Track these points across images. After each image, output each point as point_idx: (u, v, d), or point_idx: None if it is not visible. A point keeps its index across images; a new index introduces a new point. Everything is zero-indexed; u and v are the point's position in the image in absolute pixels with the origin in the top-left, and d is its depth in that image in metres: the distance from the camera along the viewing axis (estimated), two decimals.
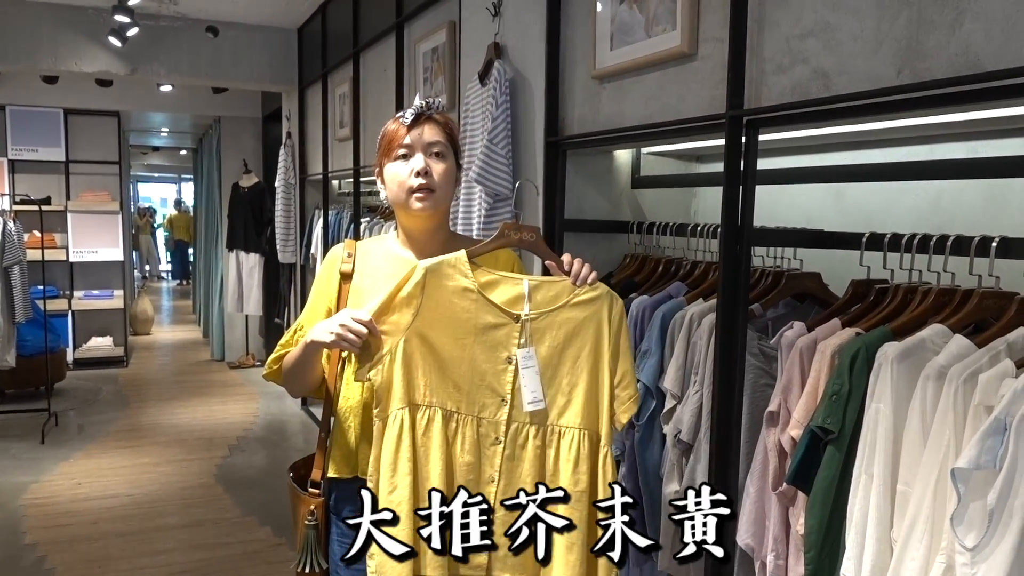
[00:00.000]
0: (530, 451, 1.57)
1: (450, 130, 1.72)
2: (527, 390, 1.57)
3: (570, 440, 1.57)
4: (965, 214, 1.89)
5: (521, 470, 1.57)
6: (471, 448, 1.57)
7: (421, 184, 1.64)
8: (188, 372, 7.68)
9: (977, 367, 1.31)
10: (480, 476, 1.57)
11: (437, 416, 1.56)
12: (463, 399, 1.57)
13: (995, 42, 1.26)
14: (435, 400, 1.57)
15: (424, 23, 3.64)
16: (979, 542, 1.20)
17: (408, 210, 1.68)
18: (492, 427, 1.57)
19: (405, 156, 1.67)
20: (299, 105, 6.15)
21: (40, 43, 5.39)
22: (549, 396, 1.58)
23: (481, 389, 1.58)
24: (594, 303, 1.60)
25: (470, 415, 1.57)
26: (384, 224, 4.43)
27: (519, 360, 1.57)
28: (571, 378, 1.59)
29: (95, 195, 7.76)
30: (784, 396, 1.65)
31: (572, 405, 1.58)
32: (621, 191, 2.65)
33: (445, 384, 1.57)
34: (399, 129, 1.68)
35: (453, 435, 1.57)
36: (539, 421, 1.58)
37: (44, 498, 4.34)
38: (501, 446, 1.57)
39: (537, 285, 1.60)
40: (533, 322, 1.58)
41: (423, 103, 1.69)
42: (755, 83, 1.73)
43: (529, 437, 1.58)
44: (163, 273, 17.57)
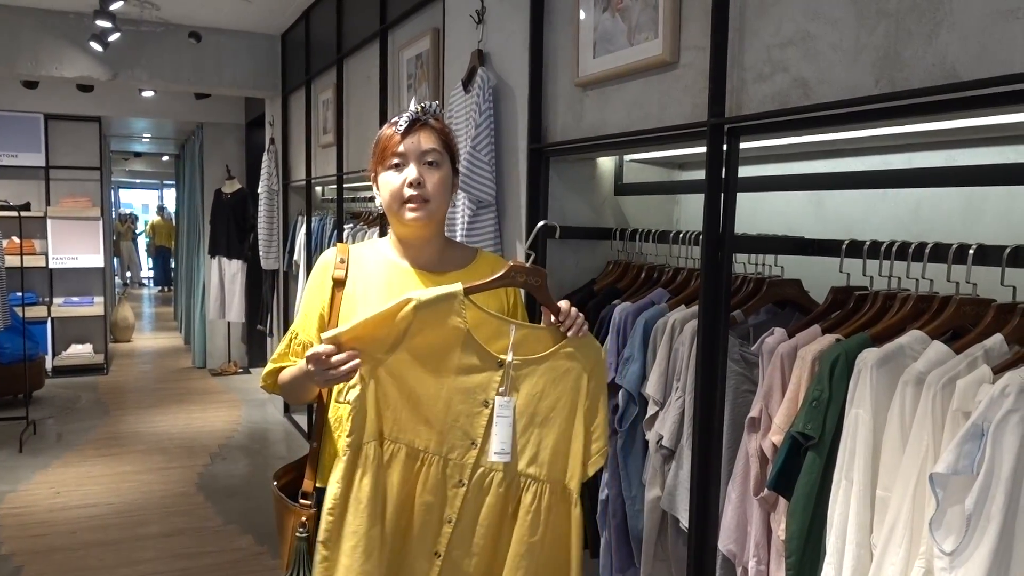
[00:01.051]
0: (492, 496, 1.57)
1: (446, 136, 1.70)
2: (496, 439, 1.55)
3: (533, 491, 1.58)
4: (943, 222, 1.92)
5: (480, 514, 1.57)
6: (433, 488, 1.55)
7: (413, 195, 1.62)
8: (169, 380, 7.62)
9: (955, 373, 1.33)
10: (439, 516, 1.56)
11: (401, 454, 1.55)
12: (433, 437, 1.56)
13: (971, 52, 1.28)
14: (401, 437, 1.56)
15: (408, 30, 3.65)
16: (957, 547, 1.21)
17: (401, 220, 1.66)
18: (458, 469, 1.56)
19: (398, 166, 1.64)
20: (282, 111, 6.13)
21: (20, 47, 5.34)
22: (520, 445, 1.58)
23: (453, 430, 1.56)
24: (578, 358, 1.60)
25: (438, 455, 1.56)
26: (367, 231, 4.42)
27: (496, 408, 1.56)
28: (543, 429, 1.59)
29: (75, 201, 7.69)
30: (765, 402, 1.66)
31: (540, 456, 1.58)
32: (604, 198, 2.66)
33: (416, 421, 1.56)
34: (393, 136, 1.65)
35: (416, 474, 1.56)
36: (505, 469, 1.57)
37: (21, 507, 4.28)
38: (464, 489, 1.56)
39: (526, 333, 1.59)
40: (516, 369, 1.57)
41: (418, 108, 1.67)
42: (736, 91, 1.75)
43: (493, 483, 1.57)
44: (144, 280, 17.44)
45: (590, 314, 2.32)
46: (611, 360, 2.12)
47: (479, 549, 1.57)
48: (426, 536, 1.56)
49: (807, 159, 2.24)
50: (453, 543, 1.56)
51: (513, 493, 1.58)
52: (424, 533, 1.56)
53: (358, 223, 4.70)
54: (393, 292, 1.67)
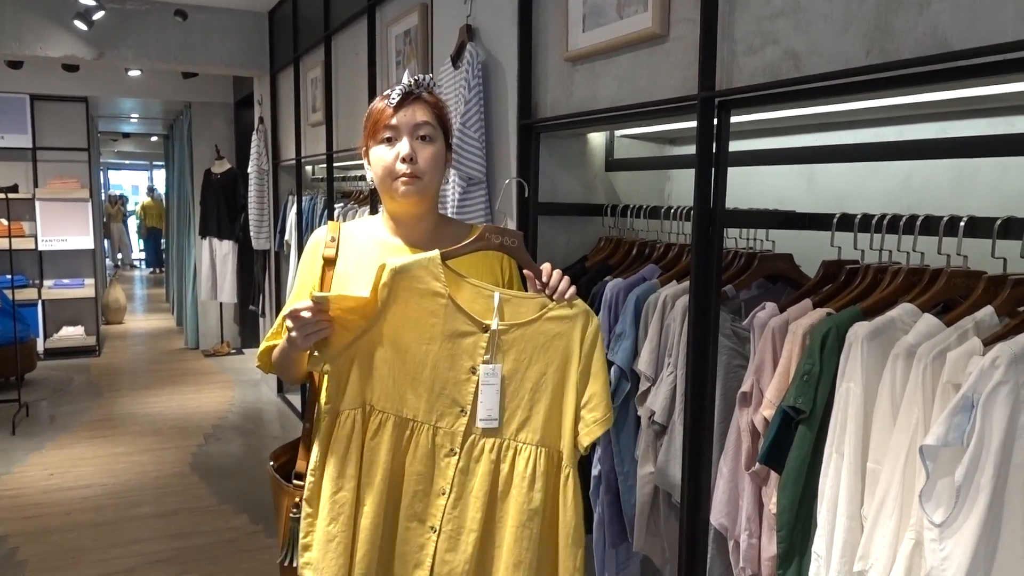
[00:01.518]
0: (484, 464, 1.53)
1: (440, 110, 1.66)
2: (483, 406, 1.52)
3: (526, 457, 1.53)
4: (934, 194, 1.91)
5: (473, 484, 1.53)
6: (424, 458, 1.53)
7: (406, 171, 1.58)
8: (162, 361, 7.61)
9: (945, 346, 1.33)
10: (431, 487, 1.53)
11: (389, 423, 1.53)
12: (421, 406, 1.53)
13: (963, 22, 1.26)
14: (389, 406, 1.53)
15: (396, 6, 3.60)
16: (947, 518, 1.22)
17: (393, 196, 1.62)
18: (448, 437, 1.53)
19: (390, 140, 1.60)
20: (271, 90, 6.08)
21: (3, 27, 5.27)
22: (509, 410, 1.54)
23: (441, 397, 1.53)
24: (568, 320, 1.55)
25: (427, 423, 1.53)
26: (359, 209, 4.40)
27: (481, 375, 1.53)
28: (533, 394, 1.54)
29: (64, 182, 7.63)
30: (757, 377, 1.66)
31: (531, 421, 1.54)
32: (595, 174, 2.64)
33: (402, 390, 1.53)
34: (385, 110, 1.61)
35: (407, 443, 1.53)
36: (496, 435, 1.54)
37: (15, 489, 4.28)
38: (456, 458, 1.53)
39: (508, 299, 1.55)
40: (503, 334, 1.54)
41: (411, 81, 1.63)
42: (726, 64, 1.73)
43: (484, 450, 1.53)
44: (136, 261, 17.37)
45: (582, 290, 2.31)
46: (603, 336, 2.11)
47: (476, 524, 1.52)
48: (420, 508, 1.53)
49: (798, 133, 2.23)
50: (447, 517, 1.52)
51: (506, 460, 1.54)
52: (417, 505, 1.53)
53: (349, 202, 4.67)
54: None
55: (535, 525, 1.52)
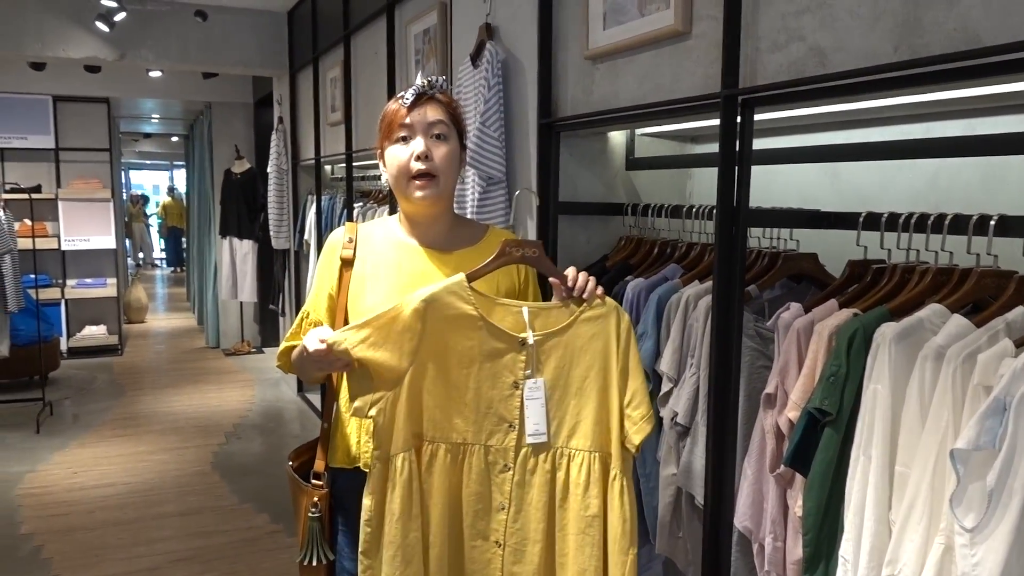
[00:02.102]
0: (539, 475, 1.53)
1: (453, 110, 1.67)
2: (530, 422, 1.52)
3: (579, 463, 1.53)
4: (963, 192, 1.88)
5: (531, 496, 1.53)
6: (479, 477, 1.53)
7: (421, 170, 1.59)
8: (183, 360, 7.66)
9: (976, 347, 1.30)
10: (490, 504, 1.53)
11: (440, 452, 1.53)
12: (469, 428, 1.53)
13: (994, 17, 1.24)
14: (439, 435, 1.53)
15: (415, 4, 3.60)
16: (978, 523, 1.19)
17: (409, 198, 1.63)
18: (500, 454, 1.53)
19: (405, 139, 1.61)
20: (290, 90, 6.10)
21: (26, 29, 5.32)
22: (558, 419, 1.54)
23: (488, 416, 1.53)
24: (600, 320, 1.55)
25: (477, 443, 1.53)
26: (377, 209, 4.40)
27: (525, 390, 1.53)
28: (579, 399, 1.54)
29: (86, 183, 7.70)
30: (781, 378, 1.64)
31: (581, 427, 1.53)
32: (615, 173, 2.63)
33: (449, 416, 1.53)
34: (399, 110, 1.62)
35: (460, 467, 1.53)
36: (548, 445, 1.54)
37: (40, 488, 4.33)
38: (511, 472, 1.53)
39: (536, 312, 1.55)
40: (540, 345, 1.54)
41: (425, 82, 1.64)
42: (750, 61, 1.71)
43: (539, 462, 1.53)
44: (157, 260, 17.51)
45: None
46: None
47: (539, 535, 1.53)
48: (483, 526, 1.53)
49: (822, 130, 2.20)
50: (510, 531, 1.53)
51: (561, 468, 1.53)
52: (479, 523, 1.53)
53: (368, 201, 4.68)
54: (402, 271, 1.65)
55: (595, 531, 1.52)
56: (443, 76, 1.71)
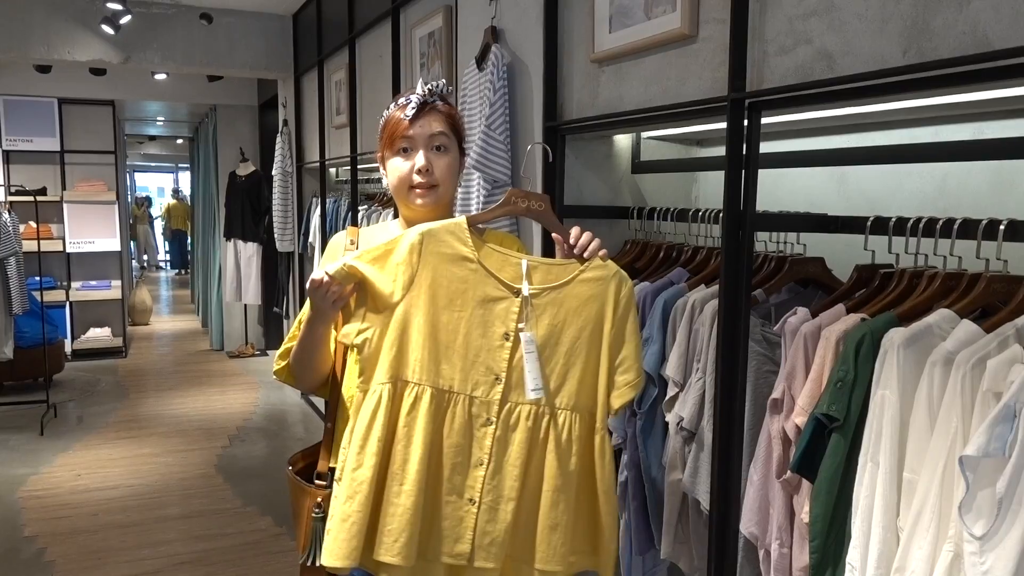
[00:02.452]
0: (520, 432, 1.52)
1: (454, 119, 1.69)
2: (529, 376, 1.50)
3: (562, 422, 1.53)
4: (971, 197, 1.87)
5: (511, 452, 1.52)
6: (460, 429, 1.50)
7: (421, 182, 1.63)
8: (187, 362, 7.66)
9: (985, 353, 1.29)
10: (469, 458, 1.51)
11: (426, 395, 1.49)
12: (456, 376, 1.51)
13: (1004, 20, 1.23)
14: (425, 378, 1.50)
15: (420, 8, 3.60)
16: (988, 531, 1.18)
17: (409, 204, 1.67)
18: (484, 407, 1.51)
19: (407, 151, 1.64)
20: (295, 92, 6.10)
21: (32, 31, 5.33)
22: (545, 375, 1.52)
23: (476, 366, 1.52)
24: (602, 282, 1.54)
25: (462, 393, 1.51)
26: (382, 212, 4.40)
27: (523, 344, 1.50)
28: (568, 359, 1.53)
29: (91, 185, 7.71)
30: (788, 383, 1.63)
31: (567, 386, 1.53)
32: (621, 176, 2.62)
33: (437, 360, 1.51)
34: (401, 122, 1.64)
35: (444, 416, 1.51)
36: (533, 402, 1.52)
37: (43, 490, 4.33)
38: (492, 427, 1.51)
39: (536, 266, 1.53)
40: (535, 299, 1.52)
41: (426, 90, 1.65)
42: (757, 65, 1.70)
43: (521, 418, 1.52)
44: (161, 263, 17.53)
45: None
46: None
47: (514, 492, 1.51)
48: (459, 481, 1.51)
49: (830, 134, 2.19)
50: (487, 488, 1.50)
51: (543, 426, 1.52)
52: (456, 478, 1.50)
53: (372, 204, 4.67)
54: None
55: (571, 488, 1.52)
56: (443, 80, 1.72)
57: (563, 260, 1.55)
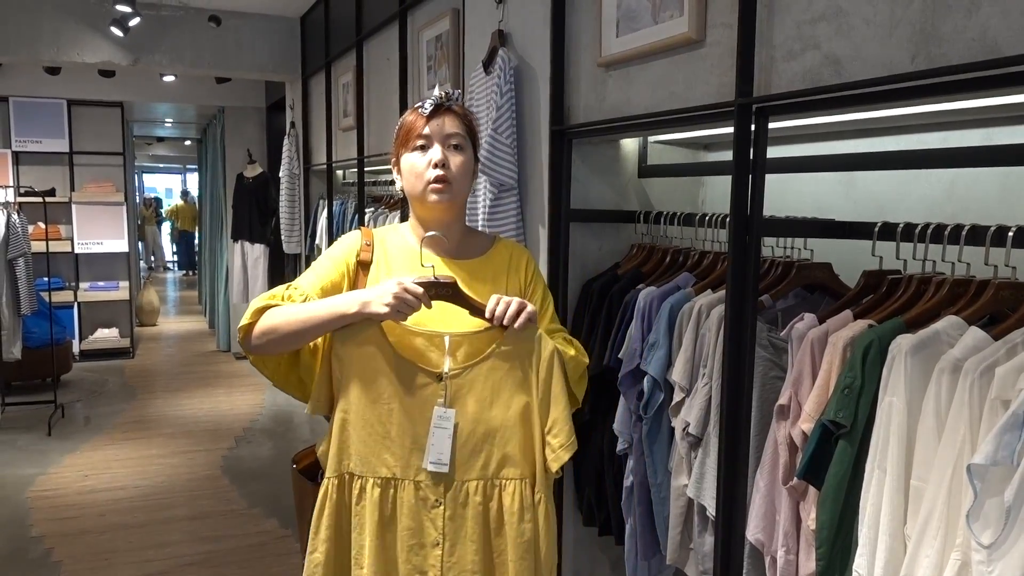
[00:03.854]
0: (471, 508, 1.58)
1: (469, 122, 1.71)
2: (433, 450, 1.56)
3: (511, 492, 1.59)
4: (980, 203, 1.86)
5: (466, 529, 1.58)
6: (411, 512, 1.57)
7: (438, 176, 1.63)
8: (194, 363, 7.69)
9: (994, 360, 1.28)
10: (424, 539, 1.57)
11: (368, 486, 1.57)
12: (398, 464, 1.58)
13: (1015, 26, 1.22)
14: (366, 470, 1.58)
15: (427, 10, 3.60)
16: (996, 540, 1.18)
17: (424, 202, 1.67)
18: (431, 489, 1.57)
19: (423, 147, 1.65)
20: (303, 95, 6.12)
21: (41, 34, 5.36)
22: (486, 451, 1.59)
23: (415, 452, 1.57)
24: (519, 351, 1.60)
25: (406, 479, 1.58)
26: (389, 214, 4.40)
27: (433, 418, 1.56)
28: (504, 429, 1.59)
29: (99, 186, 7.75)
30: (795, 389, 1.62)
31: (510, 456, 1.59)
32: (628, 180, 2.61)
33: (376, 451, 1.58)
34: (417, 120, 1.66)
35: (392, 502, 1.58)
36: (480, 476, 1.58)
37: (51, 490, 4.34)
38: (442, 508, 1.57)
39: (462, 340, 1.59)
40: (455, 379, 1.58)
41: (442, 94, 1.68)
42: (765, 70, 1.70)
43: (469, 494, 1.58)
44: (169, 264, 17.58)
45: (614, 298, 2.28)
46: (636, 346, 2.09)
47: (477, 567, 1.58)
48: (417, 561, 1.58)
49: (838, 138, 2.18)
50: (447, 566, 1.57)
51: (493, 498, 1.59)
52: (414, 558, 1.58)
53: (379, 206, 4.68)
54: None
55: (531, 556, 1.59)
56: (458, 89, 1.77)
57: (488, 327, 1.60)
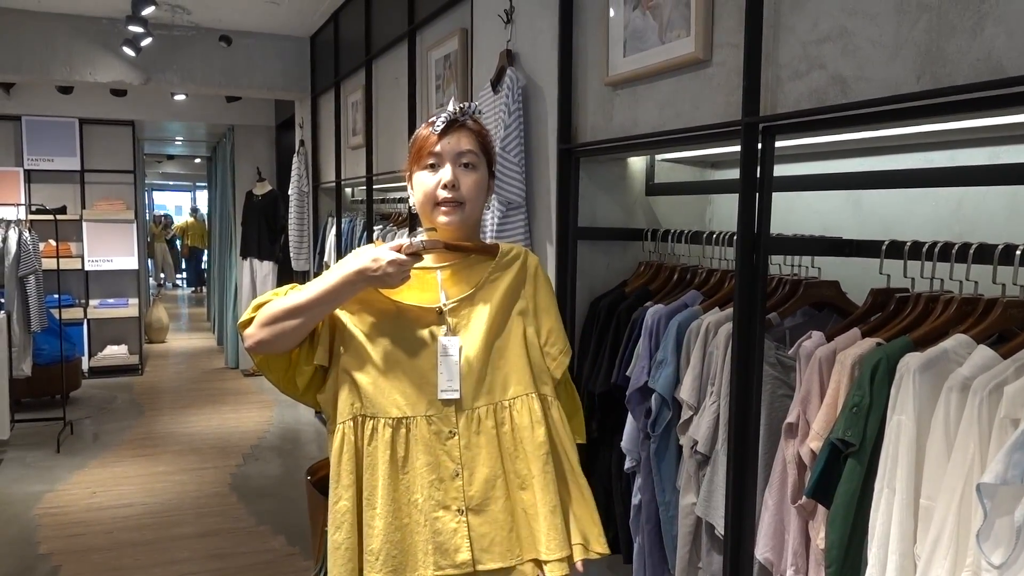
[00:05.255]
0: (485, 434, 1.60)
1: (483, 139, 1.68)
2: (442, 377, 1.58)
3: (520, 408, 1.61)
4: (987, 221, 1.86)
5: (482, 455, 1.59)
6: (426, 448, 1.57)
7: (447, 198, 1.60)
8: (202, 380, 7.70)
9: (1002, 379, 1.28)
10: (442, 473, 1.57)
11: (380, 426, 1.57)
12: (407, 403, 1.58)
13: (1019, 46, 1.23)
14: (376, 410, 1.57)
15: (436, 30, 3.64)
16: (1007, 559, 1.17)
17: (434, 222, 1.64)
18: (443, 421, 1.58)
19: (434, 166, 1.62)
20: (312, 113, 6.16)
21: (55, 53, 5.42)
22: (491, 374, 1.62)
23: (424, 387, 1.59)
24: (507, 272, 1.67)
25: (417, 415, 1.58)
26: (397, 231, 4.42)
27: (439, 348, 1.59)
28: (506, 352, 1.64)
29: (110, 204, 7.80)
30: (803, 407, 1.62)
31: (513, 376, 1.63)
32: (635, 198, 2.62)
33: (386, 391, 1.58)
34: (429, 137, 1.63)
35: (405, 439, 1.58)
36: (488, 401, 1.61)
37: (59, 507, 4.35)
38: (456, 438, 1.58)
39: (449, 275, 1.65)
40: (453, 310, 1.62)
41: (456, 109, 1.65)
42: (771, 89, 1.71)
43: (481, 419, 1.60)
44: (178, 280, 17.65)
45: (622, 316, 2.29)
46: (644, 364, 2.09)
47: (500, 491, 1.59)
48: (440, 496, 1.57)
49: (844, 157, 2.19)
50: (469, 496, 1.57)
51: (505, 419, 1.61)
52: (437, 493, 1.56)
53: (388, 224, 4.70)
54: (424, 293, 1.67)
55: (551, 466, 1.60)
56: (475, 102, 1.72)
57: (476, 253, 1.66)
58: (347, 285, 1.54)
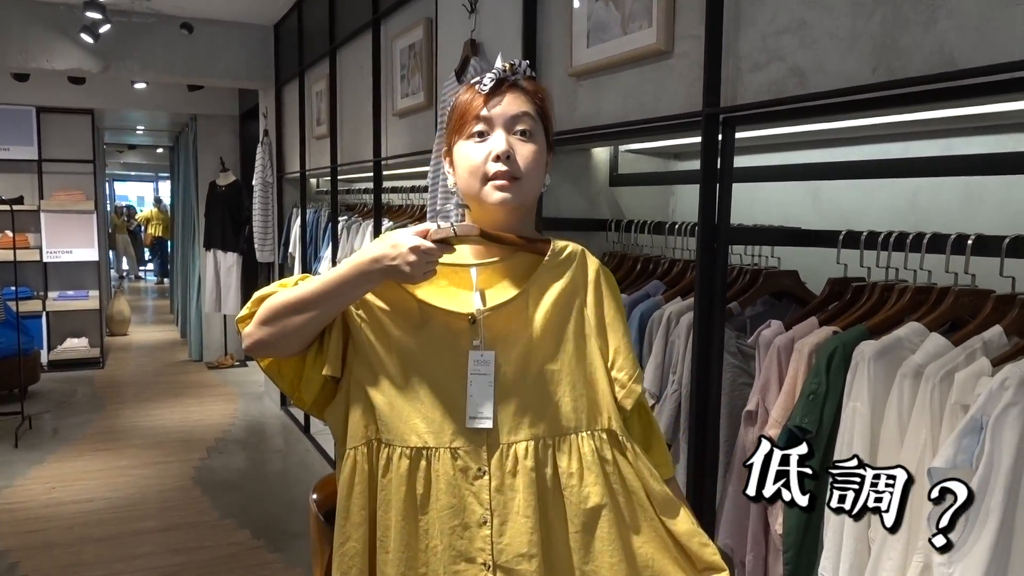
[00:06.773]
0: (522, 476, 1.25)
1: (541, 101, 1.34)
2: (472, 402, 1.25)
3: (566, 451, 1.27)
4: (941, 212, 1.90)
5: (517, 502, 1.24)
6: (448, 487, 1.24)
7: (501, 171, 1.25)
8: (165, 373, 7.60)
9: (953, 366, 1.31)
10: (468, 519, 1.24)
11: (396, 456, 1.26)
12: (429, 430, 1.25)
13: (969, 40, 1.25)
14: (392, 436, 1.26)
15: (400, 20, 3.61)
16: (956, 541, 1.20)
17: (483, 203, 1.28)
18: (471, 457, 1.25)
19: (482, 134, 1.27)
20: (276, 103, 6.09)
21: (9, 39, 5.29)
22: (534, 402, 1.27)
23: (450, 412, 1.25)
24: (561, 274, 1.30)
25: (440, 447, 1.25)
26: (362, 223, 4.39)
27: (470, 364, 1.25)
28: (557, 375, 1.28)
29: (69, 194, 7.65)
30: (762, 395, 1.65)
31: (563, 404, 1.27)
32: (599, 189, 2.63)
33: (405, 413, 1.26)
34: (474, 99, 1.29)
35: (425, 478, 1.25)
36: (530, 436, 1.26)
37: (17, 503, 4.27)
38: (486, 477, 1.24)
39: (488, 273, 1.30)
40: (489, 318, 1.27)
41: (506, 65, 1.30)
42: (731, 81, 1.73)
43: (519, 459, 1.25)
44: (141, 272, 17.38)
45: None
46: None
47: (535, 548, 1.23)
48: (463, 545, 1.24)
49: (803, 148, 2.22)
50: (498, 549, 1.23)
51: (547, 462, 1.26)
52: (459, 542, 1.24)
53: (353, 215, 4.68)
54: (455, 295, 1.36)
55: (606, 523, 1.26)
56: (527, 60, 1.37)
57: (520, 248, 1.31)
58: (360, 276, 1.23)
